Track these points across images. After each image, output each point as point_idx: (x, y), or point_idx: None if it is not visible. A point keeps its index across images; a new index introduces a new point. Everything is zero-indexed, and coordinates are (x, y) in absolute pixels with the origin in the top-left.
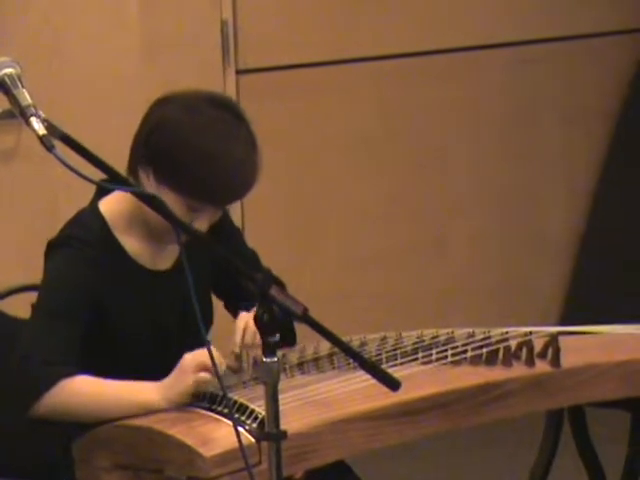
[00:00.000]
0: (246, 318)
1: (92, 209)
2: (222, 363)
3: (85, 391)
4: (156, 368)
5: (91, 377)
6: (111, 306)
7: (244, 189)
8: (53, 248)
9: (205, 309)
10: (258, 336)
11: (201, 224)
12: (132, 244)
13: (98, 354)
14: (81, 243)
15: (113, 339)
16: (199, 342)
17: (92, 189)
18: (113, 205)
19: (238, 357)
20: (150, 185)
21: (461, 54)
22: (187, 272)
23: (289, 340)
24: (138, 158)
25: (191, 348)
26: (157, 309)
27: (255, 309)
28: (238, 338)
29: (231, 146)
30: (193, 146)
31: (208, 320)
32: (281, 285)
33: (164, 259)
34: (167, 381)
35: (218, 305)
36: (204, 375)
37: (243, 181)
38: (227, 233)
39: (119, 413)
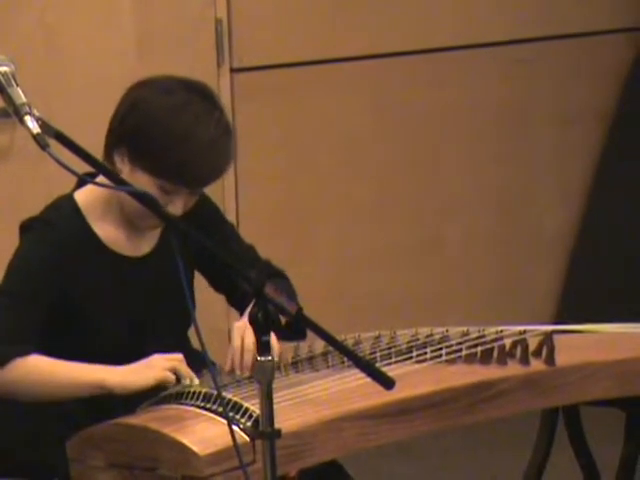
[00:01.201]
0: (242, 334)
1: (67, 196)
2: (193, 378)
3: (38, 370)
4: (130, 354)
5: (45, 357)
6: (80, 291)
7: (215, 172)
8: (23, 231)
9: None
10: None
11: (175, 208)
12: (107, 230)
13: (71, 339)
14: (47, 226)
15: (84, 323)
16: (174, 330)
17: None
18: (88, 193)
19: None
20: (125, 168)
21: (455, 53)
22: (178, 259)
23: (299, 335)
24: (113, 141)
25: (167, 337)
26: (131, 295)
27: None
28: (237, 359)
29: (202, 129)
30: (165, 127)
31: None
32: (282, 275)
33: (141, 245)
34: (129, 368)
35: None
36: (170, 375)
37: (214, 164)
38: (221, 231)
39: (71, 392)
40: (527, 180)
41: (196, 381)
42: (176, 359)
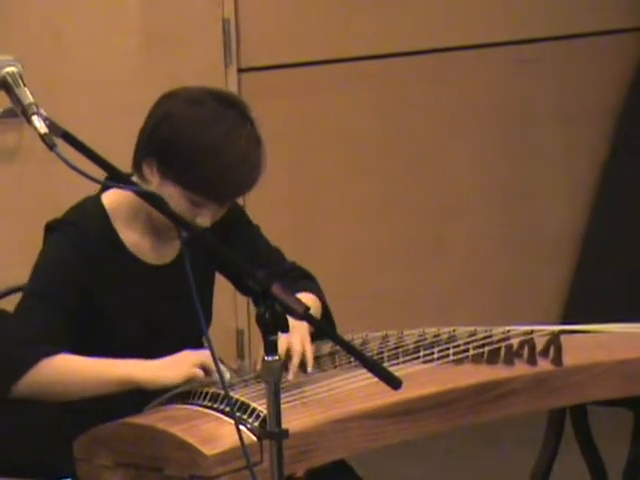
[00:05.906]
0: (286, 345)
1: (95, 199)
2: (225, 372)
3: (65, 369)
4: (146, 357)
5: (72, 355)
6: (102, 295)
7: (246, 185)
8: (49, 231)
9: (204, 307)
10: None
11: (204, 220)
12: (132, 237)
13: (91, 339)
14: (75, 229)
15: (103, 327)
16: (192, 339)
17: (94, 187)
18: (116, 197)
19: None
20: (154, 179)
21: (460, 53)
22: (188, 269)
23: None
24: (143, 152)
25: (183, 345)
26: (151, 302)
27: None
28: (295, 363)
29: (234, 142)
30: (196, 140)
31: (207, 318)
32: (309, 277)
33: (165, 253)
34: (160, 363)
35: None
36: (199, 372)
37: (245, 177)
38: (247, 232)
39: (99, 389)
40: (533, 180)
41: (227, 375)
42: (205, 355)
